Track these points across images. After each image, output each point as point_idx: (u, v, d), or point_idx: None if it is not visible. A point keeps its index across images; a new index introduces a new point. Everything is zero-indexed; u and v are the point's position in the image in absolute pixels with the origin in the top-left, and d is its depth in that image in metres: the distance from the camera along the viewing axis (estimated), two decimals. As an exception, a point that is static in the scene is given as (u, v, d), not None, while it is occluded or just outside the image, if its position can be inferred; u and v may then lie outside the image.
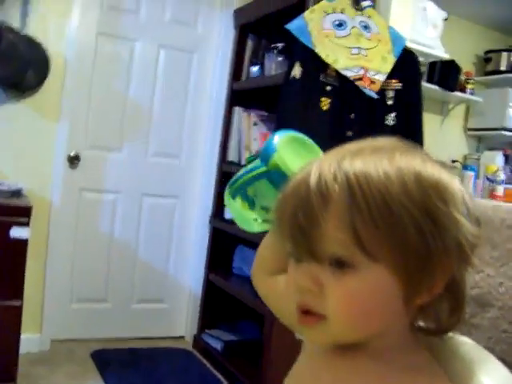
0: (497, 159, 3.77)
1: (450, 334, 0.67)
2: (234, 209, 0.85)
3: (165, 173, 3.15)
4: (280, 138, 0.81)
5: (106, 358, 2.79)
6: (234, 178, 0.84)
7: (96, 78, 2.89)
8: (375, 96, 2.39)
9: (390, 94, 2.46)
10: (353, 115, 2.44)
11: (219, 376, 2.81)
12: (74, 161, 2.86)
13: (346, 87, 2.38)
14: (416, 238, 0.57)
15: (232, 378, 2.73)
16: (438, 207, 0.58)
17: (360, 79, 2.36)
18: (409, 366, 0.62)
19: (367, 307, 0.60)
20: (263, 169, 0.79)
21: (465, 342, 0.70)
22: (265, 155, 0.79)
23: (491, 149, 4.05)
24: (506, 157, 3.96)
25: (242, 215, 0.85)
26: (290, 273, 0.64)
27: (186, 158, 3.21)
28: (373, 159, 0.60)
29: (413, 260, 0.58)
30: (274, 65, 2.79)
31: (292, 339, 0.92)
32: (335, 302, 0.60)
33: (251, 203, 0.83)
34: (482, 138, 4.09)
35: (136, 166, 3.06)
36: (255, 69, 2.92)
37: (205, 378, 2.78)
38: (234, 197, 0.84)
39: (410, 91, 2.50)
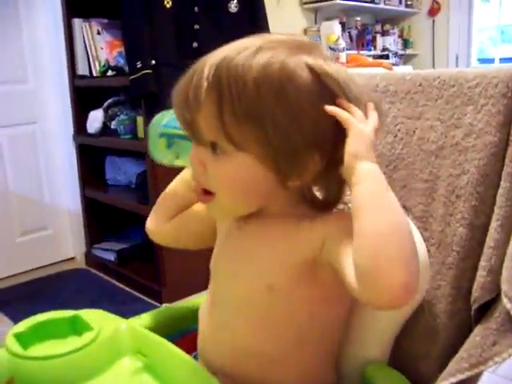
0: (335, 28, 3.98)
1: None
2: (155, 142, 0.91)
3: (16, 100, 3.01)
4: None
5: (4, 298, 2.77)
6: (168, 120, 0.89)
7: None
8: (216, -14, 2.42)
9: (229, -19, 2.50)
10: (196, 8, 2.47)
11: (119, 284, 2.91)
12: None
13: (185, -19, 2.39)
14: (274, 136, 0.69)
15: (133, 283, 2.84)
16: (298, 102, 0.69)
17: (198, -29, 2.36)
18: (301, 214, 0.78)
19: (242, 187, 0.74)
20: None
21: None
22: None
23: (328, 19, 4.24)
24: (343, 24, 4.18)
25: (158, 149, 0.91)
26: (190, 153, 0.77)
27: (35, 81, 3.07)
28: (252, 59, 0.69)
29: (275, 151, 0.71)
30: (106, -32, 2.69)
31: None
32: (214, 180, 0.74)
33: (169, 145, 0.90)
34: (318, 10, 4.25)
35: (-19, 99, 2.89)
36: (87, -25, 2.80)
37: (107, 289, 2.87)
38: (160, 136, 0.91)
39: (248, -25, 2.55)
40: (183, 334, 1.00)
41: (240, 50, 0.70)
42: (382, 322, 0.88)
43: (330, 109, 0.68)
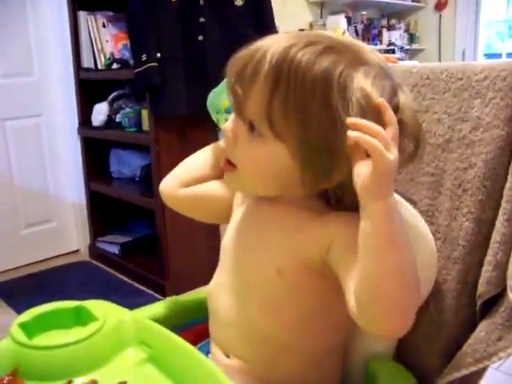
0: (341, 22, 3.97)
1: None
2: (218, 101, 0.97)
3: (22, 93, 3.02)
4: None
5: (8, 290, 2.78)
6: None
7: None
8: (222, -21, 2.41)
9: (235, -26, 2.49)
10: (202, 1, 2.46)
11: (123, 277, 2.92)
12: None
13: (191, -26, 2.38)
14: (318, 140, 0.69)
15: (136, 276, 2.85)
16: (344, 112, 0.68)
17: (204, -36, 2.36)
18: (313, 209, 0.79)
19: (265, 172, 0.75)
20: None
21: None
22: None
23: (333, 13, 4.23)
24: (348, 19, 4.17)
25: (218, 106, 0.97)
26: (228, 120, 0.79)
27: (41, 73, 3.08)
28: (317, 59, 0.69)
29: (310, 150, 0.71)
30: (112, -40, 2.69)
31: (185, 226, 1.06)
32: (242, 156, 0.76)
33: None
34: (324, 4, 4.24)
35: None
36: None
37: (110, 282, 2.88)
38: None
39: (253, -31, 2.54)
40: (188, 326, 1.00)
41: (307, 44, 0.70)
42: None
43: (354, 135, 0.62)
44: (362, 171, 0.64)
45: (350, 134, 0.62)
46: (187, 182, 0.96)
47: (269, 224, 0.82)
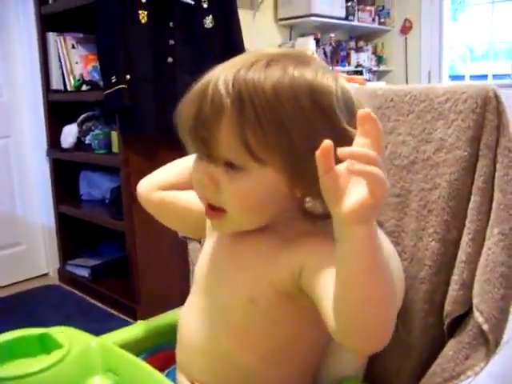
0: (310, 44, 4.02)
1: None
2: None
3: (-11, 114, 2.98)
4: None
5: (-25, 313, 2.72)
6: None
7: None
8: (191, 2, 2.42)
9: (205, -3, 2.51)
10: (171, 23, 2.47)
11: (93, 301, 2.87)
12: None
13: (161, -3, 2.39)
14: (299, 143, 0.68)
15: (107, 300, 2.81)
16: (324, 111, 0.68)
17: (173, -13, 2.37)
18: (299, 232, 0.76)
19: (258, 202, 0.72)
20: None
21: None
22: None
23: (303, 35, 4.28)
24: (317, 41, 4.22)
25: None
26: (193, 169, 0.76)
27: (8, 95, 3.04)
28: (265, 72, 0.68)
29: (297, 162, 0.69)
30: (81, -18, 2.69)
31: (156, 249, 1.05)
32: (229, 197, 0.72)
33: None
34: (293, 26, 4.29)
35: (-46, 112, 2.86)
36: (62, -11, 2.79)
37: (80, 306, 2.83)
38: None
39: (223, -9, 2.57)
40: (156, 350, 0.99)
41: (251, 64, 0.69)
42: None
43: (356, 168, 0.55)
44: (353, 197, 0.57)
45: (350, 167, 0.56)
46: (164, 185, 0.94)
47: (242, 252, 0.80)
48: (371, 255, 0.60)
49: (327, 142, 0.55)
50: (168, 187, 0.94)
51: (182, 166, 0.94)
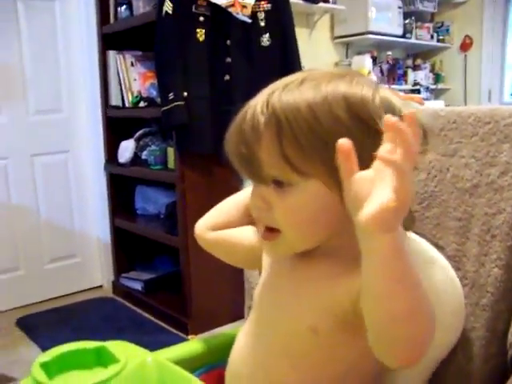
0: (366, 62, 4.00)
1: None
2: None
3: (50, 129, 3.09)
4: None
5: (32, 324, 2.79)
6: None
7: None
8: (248, 20, 2.45)
9: (262, 15, 2.53)
10: (229, 41, 2.50)
11: (146, 314, 2.91)
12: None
13: (218, 15, 2.42)
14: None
15: (159, 314, 2.84)
16: (361, 120, 0.68)
17: (232, 5, 2.40)
18: (357, 255, 0.74)
19: (311, 217, 0.71)
20: None
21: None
22: None
23: (359, 53, 4.26)
24: (374, 59, 4.19)
25: None
26: (250, 194, 0.76)
27: (69, 110, 3.15)
28: (299, 90, 0.69)
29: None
30: (141, 2, 2.76)
31: (209, 265, 1.05)
32: (281, 215, 0.72)
33: None
34: (350, 44, 4.28)
35: (19, 127, 2.97)
36: (123, 9, 2.86)
37: (133, 319, 2.87)
38: None
39: (280, 10, 2.58)
40: (210, 368, 0.98)
41: (286, 84, 0.71)
42: (413, 369, 0.85)
43: (390, 121, 0.54)
44: (376, 201, 0.54)
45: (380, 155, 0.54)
46: (217, 225, 0.95)
47: (302, 280, 0.78)
48: (397, 267, 0.58)
49: (345, 142, 0.55)
50: (220, 226, 0.95)
51: (232, 204, 0.96)
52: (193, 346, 1.01)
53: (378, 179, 0.55)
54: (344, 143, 0.55)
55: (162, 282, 3.04)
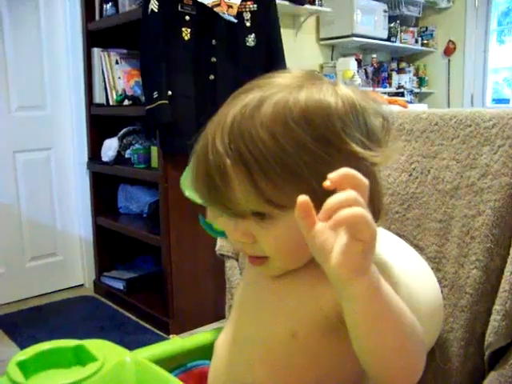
0: (351, 64, 4.01)
1: None
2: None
3: (33, 126, 3.05)
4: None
5: (11, 322, 2.76)
6: None
7: None
8: (234, 20, 2.45)
9: (248, 15, 2.53)
10: (214, 41, 2.49)
11: (127, 314, 2.89)
12: None
13: (204, 15, 2.42)
14: (314, 181, 0.64)
15: (140, 313, 2.82)
16: (327, 141, 0.65)
17: (218, 5, 2.40)
18: None
19: (295, 245, 0.69)
20: None
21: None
22: None
23: (344, 55, 4.28)
24: (359, 61, 4.21)
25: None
26: (225, 229, 0.74)
27: (52, 108, 3.12)
28: (259, 117, 0.65)
29: (319, 198, 0.64)
30: (127, 0, 2.74)
31: (191, 264, 1.04)
32: (267, 246, 0.70)
33: None
34: (335, 46, 4.30)
35: (1, 123, 2.93)
36: (108, 6, 2.85)
37: (114, 318, 2.85)
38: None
39: (266, 10, 2.58)
40: (189, 368, 0.98)
41: (242, 110, 0.67)
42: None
43: (336, 221, 0.53)
44: (340, 248, 0.53)
45: (330, 222, 0.53)
46: None
47: (283, 284, 0.76)
48: (378, 307, 0.57)
49: (302, 199, 0.53)
50: None
51: None
52: (172, 345, 1.01)
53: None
54: (302, 201, 0.53)
55: (144, 281, 3.03)
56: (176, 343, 1.01)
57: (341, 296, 0.57)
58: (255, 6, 2.54)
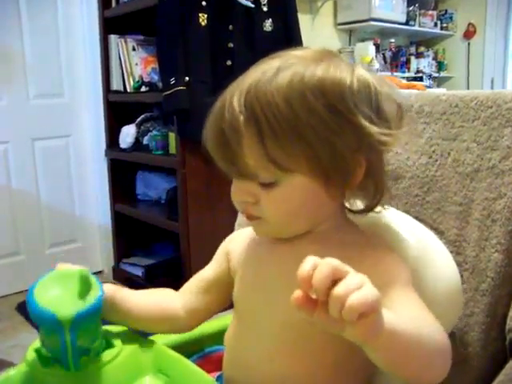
0: (369, 49, 3.97)
1: (379, 208, 0.79)
2: None
3: (51, 113, 3.06)
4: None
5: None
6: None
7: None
8: (251, 5, 2.43)
9: (264, 0, 2.51)
10: (231, 26, 2.48)
11: (146, 299, 2.90)
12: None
13: (221, 0, 2.40)
14: (321, 148, 0.68)
15: (159, 299, 2.83)
16: (338, 112, 0.67)
17: (234, -10, 2.38)
18: (343, 243, 0.74)
19: (294, 209, 0.73)
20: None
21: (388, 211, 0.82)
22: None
23: (362, 40, 4.23)
24: (377, 46, 4.17)
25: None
26: (232, 189, 0.76)
27: (70, 95, 3.13)
28: (275, 82, 0.68)
29: (323, 165, 0.69)
30: (143, -14, 2.73)
31: (209, 251, 1.04)
32: (267, 209, 0.73)
33: None
34: (353, 31, 4.25)
35: (19, 111, 2.94)
36: (124, -8, 2.84)
37: (133, 304, 2.86)
38: None
39: (283, -5, 2.56)
40: (207, 353, 0.98)
41: (260, 76, 0.70)
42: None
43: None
44: (350, 329, 0.54)
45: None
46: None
47: (293, 266, 0.76)
48: (397, 347, 0.59)
49: (297, 294, 0.55)
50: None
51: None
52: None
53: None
54: (297, 295, 0.55)
55: (163, 267, 3.03)
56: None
57: (364, 348, 0.59)
58: (272, -10, 2.52)
